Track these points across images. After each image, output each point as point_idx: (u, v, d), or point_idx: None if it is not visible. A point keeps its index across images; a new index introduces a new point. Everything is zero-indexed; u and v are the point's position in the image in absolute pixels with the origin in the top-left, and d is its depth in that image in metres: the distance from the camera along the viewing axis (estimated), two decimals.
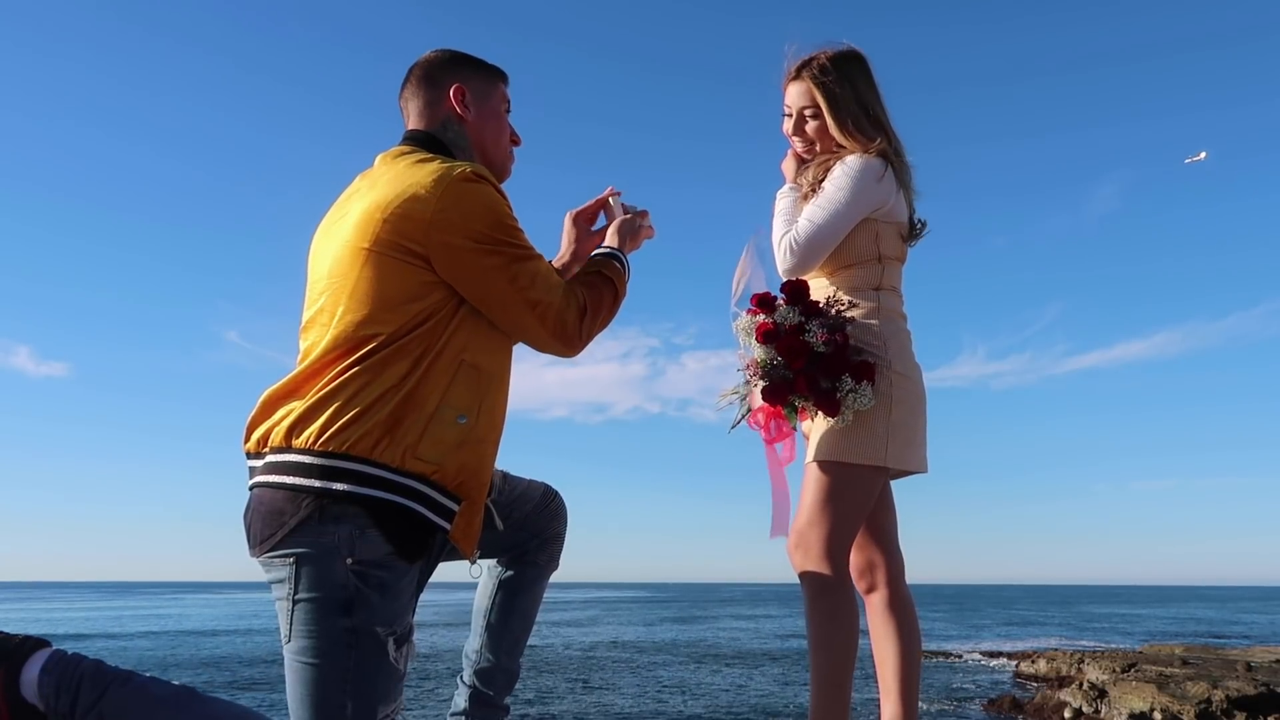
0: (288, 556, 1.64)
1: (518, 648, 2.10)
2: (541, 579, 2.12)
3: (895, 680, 2.25)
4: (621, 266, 2.00)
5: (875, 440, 2.14)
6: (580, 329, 1.87)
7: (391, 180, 1.77)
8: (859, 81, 2.26)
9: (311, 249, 1.89)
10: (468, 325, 1.77)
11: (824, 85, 2.24)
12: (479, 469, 1.78)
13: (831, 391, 2.10)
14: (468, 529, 1.79)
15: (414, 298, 1.72)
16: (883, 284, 2.27)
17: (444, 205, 1.70)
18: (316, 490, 1.63)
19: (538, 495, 2.09)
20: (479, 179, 1.75)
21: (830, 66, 2.25)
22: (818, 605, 2.12)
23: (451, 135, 1.92)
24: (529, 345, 1.90)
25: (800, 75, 2.28)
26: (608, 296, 1.94)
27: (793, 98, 2.31)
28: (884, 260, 2.27)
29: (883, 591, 2.29)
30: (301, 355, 1.79)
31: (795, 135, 2.33)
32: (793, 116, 2.32)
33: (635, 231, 2.11)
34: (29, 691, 1.56)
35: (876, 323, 2.22)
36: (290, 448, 1.67)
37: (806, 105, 2.28)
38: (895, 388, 2.17)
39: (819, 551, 2.11)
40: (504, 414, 1.86)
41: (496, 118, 1.98)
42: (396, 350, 1.70)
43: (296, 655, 1.65)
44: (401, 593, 1.69)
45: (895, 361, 2.19)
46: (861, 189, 2.18)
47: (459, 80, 1.93)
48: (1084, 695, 12.24)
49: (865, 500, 2.20)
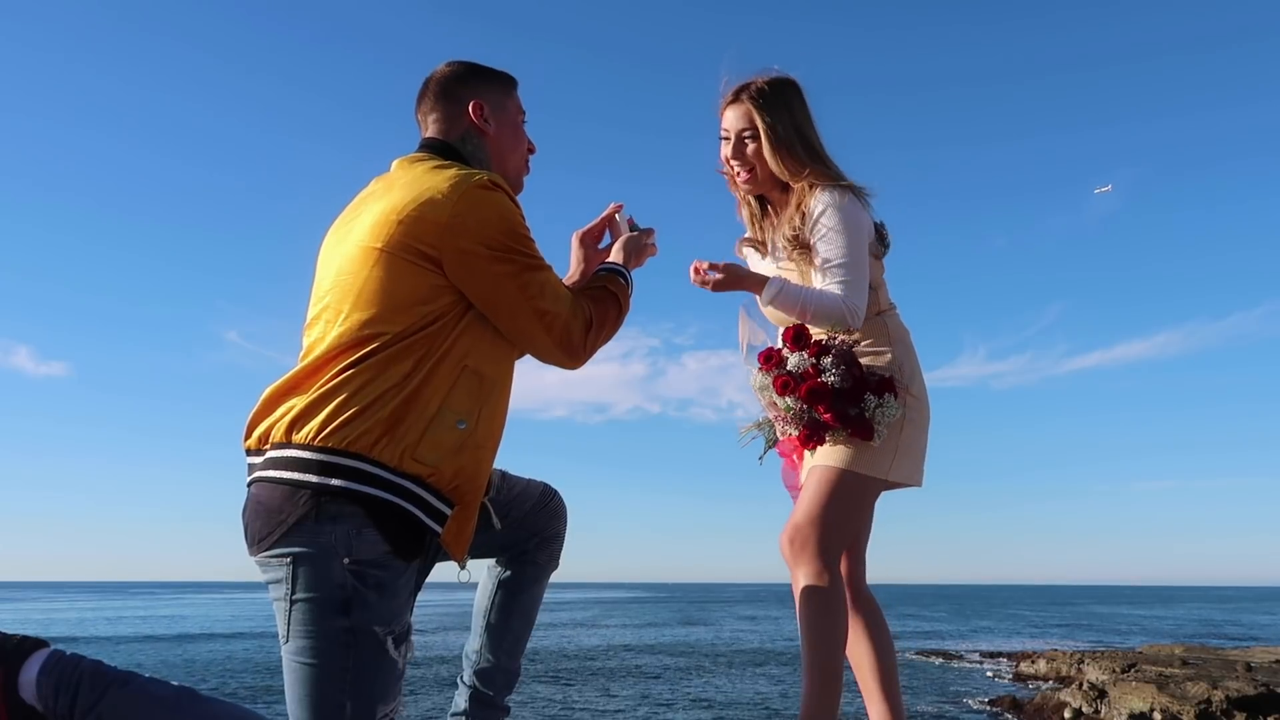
0: (285, 557, 1.64)
1: (518, 648, 2.10)
2: (541, 578, 2.12)
3: (875, 680, 2.29)
4: (626, 282, 2.04)
5: (883, 455, 2.20)
6: (585, 342, 1.90)
7: (408, 184, 1.79)
8: (795, 107, 2.30)
9: (322, 249, 1.90)
10: (473, 331, 1.78)
11: (762, 108, 2.28)
12: (475, 474, 1.78)
13: (860, 415, 2.15)
14: (459, 534, 1.79)
15: (422, 300, 1.73)
16: (881, 307, 2.33)
17: (460, 210, 1.72)
18: (314, 486, 1.63)
19: (536, 494, 2.10)
20: (495, 187, 1.78)
21: (768, 90, 2.29)
22: (811, 599, 2.15)
23: (471, 148, 1.95)
24: (533, 354, 1.92)
25: (739, 98, 2.32)
26: (612, 311, 1.98)
27: (731, 121, 2.34)
28: (874, 285, 2.31)
29: (847, 593, 2.32)
30: (304, 352, 1.80)
31: (735, 159, 2.35)
32: (731, 140, 2.34)
33: (640, 249, 2.16)
34: (28, 692, 1.55)
35: (887, 348, 2.28)
36: (290, 443, 1.68)
37: (745, 128, 2.31)
38: (909, 409, 2.24)
39: (815, 549, 2.15)
40: (503, 422, 1.87)
41: (514, 128, 2.01)
42: (400, 350, 1.70)
43: (295, 655, 1.65)
44: (399, 591, 1.69)
45: (910, 384, 2.27)
46: (856, 226, 2.22)
47: (477, 95, 1.96)
48: (1084, 695, 12.25)
49: (864, 508, 2.28)
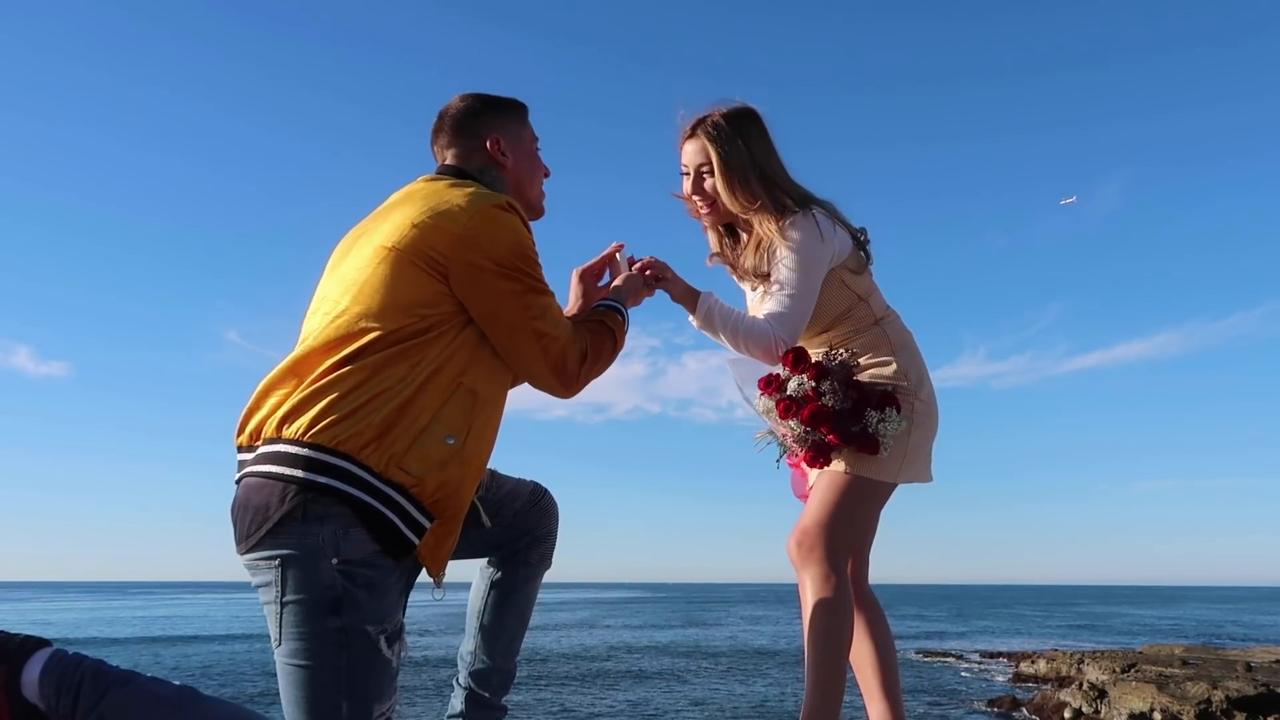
0: (273, 559, 1.65)
1: (513, 648, 2.11)
2: (534, 578, 2.13)
3: (876, 680, 2.30)
4: (622, 319, 2.08)
5: (892, 461, 2.22)
6: (580, 371, 1.94)
7: (428, 195, 1.85)
8: (752, 138, 2.29)
9: (334, 251, 1.94)
10: (471, 348, 1.81)
11: (717, 142, 2.28)
12: (458, 490, 1.79)
13: (864, 430, 2.16)
14: (437, 549, 1.78)
15: (422, 303, 1.76)
16: (878, 315, 2.34)
17: (474, 224, 1.78)
18: (301, 482, 1.65)
19: (526, 493, 2.12)
20: (511, 210, 1.84)
21: (724, 123, 2.29)
22: (817, 600, 2.15)
23: (489, 180, 1.99)
24: (527, 378, 1.95)
25: (695, 133, 2.32)
26: (607, 345, 2.02)
27: (689, 156, 2.34)
28: (865, 297, 2.32)
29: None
30: (299, 341, 1.82)
31: (695, 194, 2.35)
32: (690, 175, 2.35)
33: (638, 288, 2.21)
34: (30, 691, 1.56)
35: (890, 357, 2.28)
36: (280, 438, 1.69)
37: (703, 163, 2.31)
38: (917, 414, 2.26)
39: (822, 551, 2.15)
40: (492, 442, 1.90)
41: (530, 158, 2.07)
42: (396, 353, 1.73)
43: (288, 658, 1.66)
44: (390, 590, 1.71)
45: (919, 390, 2.28)
46: (810, 257, 2.21)
47: (494, 130, 2.01)
48: (1084, 695, 12.26)
49: (873, 512, 2.30)
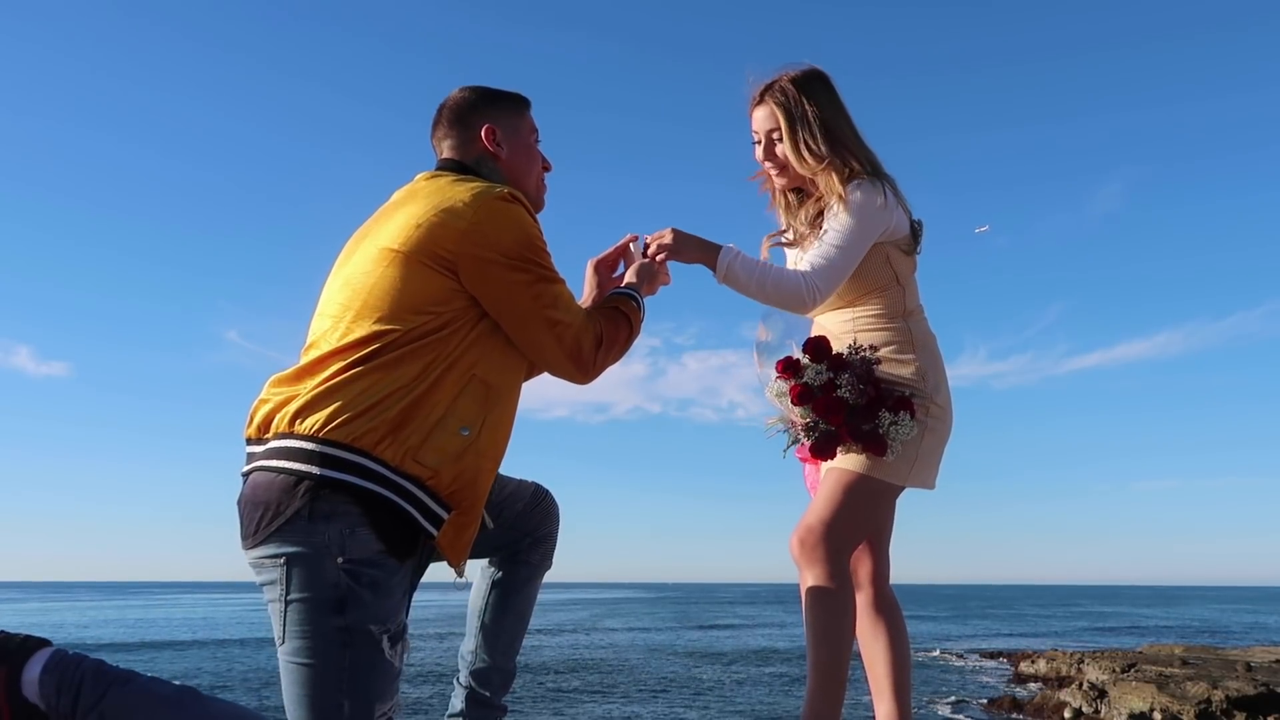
0: (278, 558, 1.66)
1: (513, 648, 2.11)
2: (535, 578, 2.14)
3: (888, 680, 2.28)
4: (638, 305, 2.09)
5: (903, 463, 2.19)
6: (595, 357, 1.93)
7: (431, 194, 1.85)
8: (821, 100, 2.27)
9: (341, 253, 1.94)
10: (484, 341, 1.81)
11: (785, 106, 2.27)
12: (474, 481, 1.79)
13: (874, 430, 2.14)
14: (456, 539, 1.79)
15: (435, 302, 1.76)
16: (908, 308, 2.30)
17: (479, 219, 1.77)
18: (315, 477, 1.65)
19: (528, 494, 2.12)
20: (515, 200, 1.84)
21: (792, 87, 2.27)
22: (818, 600, 2.15)
23: (486, 171, 1.99)
24: (544, 366, 1.95)
25: (764, 99, 2.31)
26: (623, 331, 2.01)
27: (759, 123, 2.33)
28: (902, 282, 2.29)
29: (868, 592, 2.34)
30: (309, 344, 1.82)
31: (767, 160, 2.35)
32: (761, 142, 2.34)
33: (653, 276, 2.21)
34: (30, 691, 1.56)
35: (913, 355, 2.23)
36: (293, 433, 1.69)
37: (773, 128, 2.30)
38: (932, 418, 2.22)
39: (825, 550, 2.14)
40: (508, 433, 1.89)
41: (527, 150, 2.05)
42: (410, 352, 1.73)
43: (291, 656, 1.66)
44: (394, 590, 1.71)
45: (936, 394, 2.23)
46: (866, 219, 2.19)
47: (488, 120, 2.00)
48: (1084, 695, 12.26)
49: (879, 513, 2.28)
